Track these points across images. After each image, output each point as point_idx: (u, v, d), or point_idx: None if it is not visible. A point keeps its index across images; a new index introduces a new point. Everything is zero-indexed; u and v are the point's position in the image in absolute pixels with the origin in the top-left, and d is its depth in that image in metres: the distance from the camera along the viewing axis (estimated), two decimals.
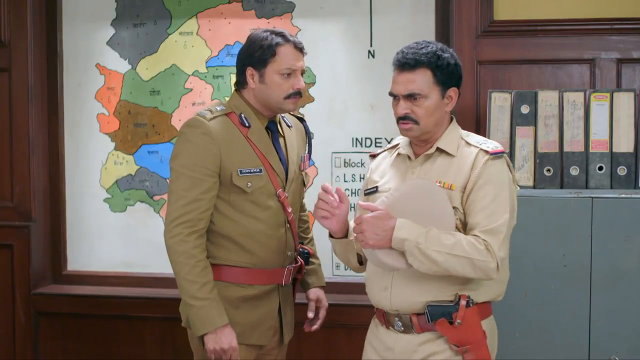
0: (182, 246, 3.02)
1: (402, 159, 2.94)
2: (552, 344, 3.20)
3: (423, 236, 2.62)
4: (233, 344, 3.04)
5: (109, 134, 4.42)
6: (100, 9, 4.38)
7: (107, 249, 4.45)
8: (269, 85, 3.09)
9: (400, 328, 2.80)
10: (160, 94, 4.34)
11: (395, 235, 2.63)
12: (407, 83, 2.80)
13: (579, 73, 3.83)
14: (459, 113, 3.86)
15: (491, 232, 2.66)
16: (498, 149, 2.78)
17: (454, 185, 2.75)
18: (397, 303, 2.79)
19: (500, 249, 2.65)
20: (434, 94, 2.79)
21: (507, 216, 2.70)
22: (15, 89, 4.32)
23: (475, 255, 2.61)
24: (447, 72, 2.81)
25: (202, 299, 3.02)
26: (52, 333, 4.40)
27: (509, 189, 2.75)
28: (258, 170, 3.09)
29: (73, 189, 4.47)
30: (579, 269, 3.16)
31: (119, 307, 4.29)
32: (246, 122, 3.12)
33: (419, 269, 2.65)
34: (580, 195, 3.17)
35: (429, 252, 2.60)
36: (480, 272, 2.64)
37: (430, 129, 2.82)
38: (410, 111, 2.79)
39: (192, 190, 3.03)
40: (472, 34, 3.87)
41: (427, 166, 2.85)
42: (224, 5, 4.26)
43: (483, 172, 2.73)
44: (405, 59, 2.82)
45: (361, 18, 4.14)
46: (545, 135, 3.26)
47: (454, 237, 2.64)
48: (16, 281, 4.37)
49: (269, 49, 3.09)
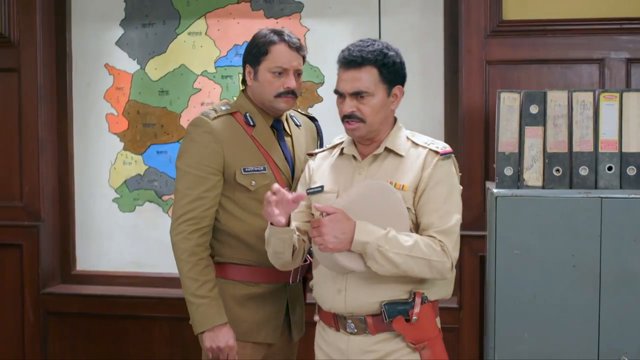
0: (185, 244, 3.07)
1: (347, 159, 2.91)
2: (561, 344, 3.19)
3: (383, 239, 2.61)
4: (230, 343, 3.07)
5: (117, 134, 4.43)
6: (109, 9, 4.39)
7: (116, 249, 4.46)
8: (261, 83, 3.14)
9: (353, 330, 2.79)
10: (169, 94, 4.35)
11: (356, 239, 2.61)
12: (354, 81, 2.77)
13: (588, 73, 3.83)
14: (468, 113, 3.86)
15: (445, 233, 2.69)
16: (447, 150, 2.81)
17: (406, 185, 2.75)
18: (352, 305, 2.77)
19: (454, 249, 2.70)
20: (380, 92, 2.78)
21: (459, 216, 2.75)
22: (24, 89, 4.33)
23: (433, 256, 2.64)
24: (392, 70, 2.80)
25: (202, 297, 3.06)
26: (61, 333, 4.41)
27: (458, 189, 2.81)
28: (262, 169, 3.12)
29: (82, 189, 4.49)
30: (588, 270, 3.15)
31: (128, 307, 4.29)
32: (251, 121, 3.16)
33: (378, 271, 2.64)
34: (589, 195, 3.16)
35: (390, 255, 2.60)
36: (436, 272, 2.67)
37: (376, 128, 2.81)
38: (356, 109, 2.77)
39: (195, 189, 3.07)
40: (481, 34, 3.87)
41: (375, 167, 2.83)
42: (233, 6, 4.26)
43: (434, 173, 2.74)
44: (351, 57, 2.78)
45: (369, 18, 4.14)
46: (554, 135, 3.25)
47: (411, 239, 2.65)
48: (25, 281, 4.38)
49: (262, 47, 3.13)
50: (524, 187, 3.25)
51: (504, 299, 3.21)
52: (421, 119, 4.08)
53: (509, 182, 3.27)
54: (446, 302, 3.93)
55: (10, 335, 4.43)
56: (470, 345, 3.95)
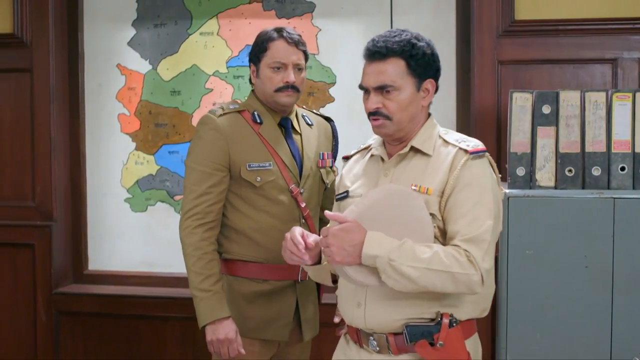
0: (190, 238, 3.11)
1: (375, 161, 2.67)
2: (573, 345, 3.18)
3: (396, 251, 2.33)
4: (229, 336, 3.09)
5: (129, 134, 4.43)
6: (121, 10, 4.40)
7: (128, 249, 4.47)
8: (262, 80, 3.19)
9: (376, 348, 2.53)
10: (180, 94, 4.35)
11: (365, 252, 2.34)
12: (378, 74, 2.51)
13: (601, 73, 3.81)
14: (480, 113, 3.85)
15: (473, 241, 2.38)
16: (479, 148, 2.53)
17: (430, 189, 2.46)
18: (372, 321, 2.51)
19: (484, 260, 2.37)
20: (408, 86, 2.52)
21: (491, 222, 2.42)
22: (36, 89, 4.34)
23: (456, 268, 2.34)
24: (422, 62, 2.53)
25: (205, 291, 3.09)
26: (73, 332, 4.42)
27: (492, 191, 2.48)
28: (267, 165, 3.16)
29: (94, 189, 4.50)
30: (600, 270, 3.14)
31: (140, 307, 4.30)
32: (258, 118, 3.21)
33: (394, 287, 2.36)
34: (602, 195, 3.15)
35: (404, 269, 2.32)
36: (462, 286, 2.37)
37: (404, 126, 2.55)
38: (381, 105, 2.52)
39: (201, 184, 3.12)
40: (493, 34, 3.86)
41: (401, 168, 2.57)
42: (245, 6, 4.27)
43: (463, 174, 2.46)
44: (375, 48, 2.52)
45: (381, 18, 4.14)
46: (566, 136, 3.24)
47: (430, 250, 2.35)
48: (37, 281, 4.39)
49: (262, 44, 3.19)
50: (536, 188, 3.24)
51: (516, 299, 3.20)
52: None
53: (521, 183, 3.26)
54: None
55: (22, 335, 4.44)
56: (482, 345, 3.92)
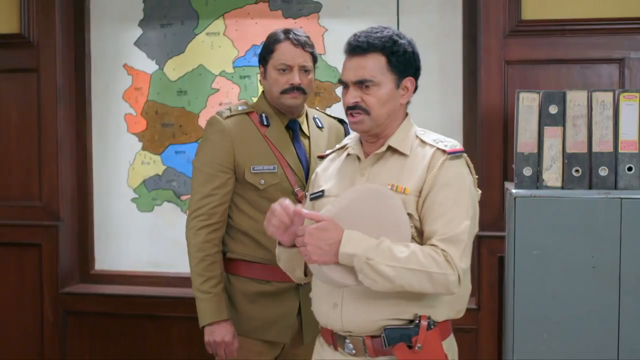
0: (194, 239, 3.15)
1: (352, 160, 2.66)
2: (580, 346, 3.17)
3: (373, 250, 2.33)
4: (226, 339, 3.13)
5: (136, 134, 4.44)
6: (127, 10, 4.41)
7: (135, 249, 4.47)
8: (269, 82, 3.21)
9: (352, 351, 2.51)
10: (187, 94, 4.35)
11: (342, 250, 2.34)
12: (358, 69, 2.53)
13: (608, 73, 3.81)
14: (487, 113, 3.85)
15: (451, 241, 2.39)
16: (456, 148, 2.52)
17: (407, 188, 2.47)
18: (349, 323, 2.49)
19: (461, 260, 2.38)
20: (388, 82, 2.54)
21: (468, 223, 2.43)
22: (43, 89, 4.35)
23: (434, 267, 2.34)
24: (403, 59, 2.55)
25: (205, 292, 3.13)
26: (80, 332, 4.43)
27: (469, 192, 2.49)
28: (272, 168, 3.17)
29: (101, 189, 4.50)
30: (608, 271, 3.13)
31: (147, 307, 4.31)
32: (265, 121, 3.22)
33: (371, 286, 2.36)
34: (609, 195, 3.14)
35: (381, 268, 2.31)
36: (440, 286, 2.37)
37: (382, 122, 2.56)
38: (360, 100, 2.52)
39: (206, 185, 3.15)
40: (500, 34, 3.85)
41: (378, 167, 2.58)
42: (251, 6, 4.27)
43: (440, 174, 2.46)
44: (357, 42, 2.55)
45: (388, 18, 4.13)
46: (573, 136, 3.23)
47: (408, 249, 2.35)
48: (44, 280, 4.40)
49: (269, 46, 3.21)
50: (543, 188, 3.23)
51: (523, 300, 3.20)
52: (439, 118, 4.07)
53: (528, 183, 3.25)
54: None
55: (29, 334, 4.45)
56: (489, 346, 3.94)
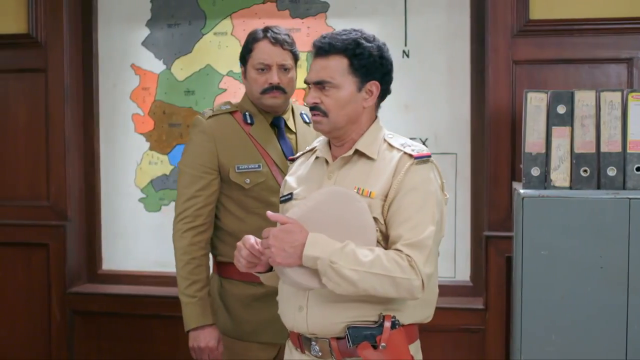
0: (180, 242, 3.16)
1: (320, 163, 2.66)
2: (588, 346, 3.16)
3: (337, 253, 2.33)
4: (210, 344, 3.13)
5: (143, 134, 4.44)
6: (135, 10, 4.41)
7: (142, 249, 4.48)
8: (249, 81, 3.20)
9: (318, 353, 2.52)
10: (194, 94, 4.35)
11: (306, 253, 2.34)
12: (320, 70, 2.53)
13: (616, 73, 3.80)
14: (495, 114, 3.84)
15: (415, 246, 2.38)
16: (423, 153, 2.52)
17: (373, 192, 2.47)
18: (315, 325, 2.50)
19: (425, 265, 2.38)
20: (348, 85, 2.52)
21: (433, 228, 2.43)
22: (51, 89, 4.35)
23: (397, 272, 2.34)
24: (367, 62, 2.53)
25: (190, 296, 3.13)
26: (87, 332, 4.43)
27: (435, 197, 2.48)
28: (257, 166, 3.16)
29: (108, 189, 4.50)
30: (616, 271, 3.12)
31: (154, 307, 4.31)
32: (249, 119, 3.21)
33: (334, 290, 2.35)
34: (617, 196, 3.13)
35: (345, 272, 2.31)
36: (403, 291, 2.36)
37: (342, 125, 2.55)
38: (319, 101, 2.53)
39: (190, 187, 3.15)
40: (508, 34, 3.85)
41: (345, 171, 2.57)
42: (258, 6, 4.26)
43: (406, 179, 2.46)
44: (320, 44, 2.55)
45: (395, 18, 4.13)
46: (581, 136, 3.22)
47: (372, 253, 2.36)
48: (52, 280, 4.40)
49: (247, 45, 3.20)
50: (551, 188, 3.22)
51: (531, 300, 3.19)
52: (447, 119, 4.06)
53: (536, 183, 3.24)
54: (472, 304, 3.94)
55: (37, 334, 4.46)
56: (496, 346, 3.93)
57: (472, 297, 4.02)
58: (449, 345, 3.96)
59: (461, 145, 4.06)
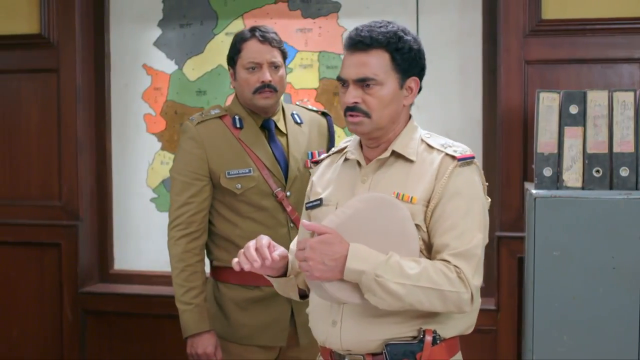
0: (174, 249, 3.15)
1: (351, 166, 2.46)
2: (601, 347, 3.15)
3: (383, 266, 2.15)
4: (208, 351, 3.13)
5: (155, 134, 4.45)
6: (147, 10, 4.41)
7: (154, 249, 4.47)
8: (239, 82, 3.17)
9: None
10: (206, 94, 4.36)
11: (349, 266, 2.15)
12: (360, 66, 2.32)
13: (629, 72, 3.78)
14: (507, 113, 3.83)
15: (463, 256, 2.23)
16: (467, 154, 2.35)
17: (415, 198, 2.29)
18: (349, 341, 2.31)
19: (474, 277, 2.25)
20: (391, 82, 2.34)
21: (481, 236, 2.30)
22: (63, 89, 4.37)
23: (446, 285, 2.19)
24: (408, 57, 2.36)
25: (186, 304, 3.14)
26: (99, 332, 4.44)
27: (481, 202, 2.34)
28: (247, 171, 3.14)
29: (120, 189, 4.51)
30: (628, 272, 3.11)
31: (166, 307, 4.29)
32: (239, 123, 3.18)
33: (378, 305, 2.18)
34: (630, 196, 3.12)
35: (390, 286, 2.14)
36: (451, 305, 2.22)
37: (383, 125, 2.36)
38: (361, 100, 2.32)
39: (182, 194, 3.13)
40: (520, 34, 3.83)
41: (380, 174, 2.39)
42: (270, 6, 4.27)
43: (450, 183, 2.29)
44: (359, 37, 2.33)
45: (407, 17, 4.12)
46: (594, 136, 3.21)
47: (418, 265, 2.19)
48: (64, 280, 4.42)
49: (235, 46, 3.18)
50: (563, 188, 3.21)
51: (543, 301, 3.18)
52: (459, 119, 4.06)
53: (548, 183, 3.23)
54: (484, 304, 3.91)
55: (49, 334, 4.47)
56: (508, 347, 3.92)
57: (484, 297, 3.96)
58: (460, 345, 3.95)
59: (473, 146, 4.01)
